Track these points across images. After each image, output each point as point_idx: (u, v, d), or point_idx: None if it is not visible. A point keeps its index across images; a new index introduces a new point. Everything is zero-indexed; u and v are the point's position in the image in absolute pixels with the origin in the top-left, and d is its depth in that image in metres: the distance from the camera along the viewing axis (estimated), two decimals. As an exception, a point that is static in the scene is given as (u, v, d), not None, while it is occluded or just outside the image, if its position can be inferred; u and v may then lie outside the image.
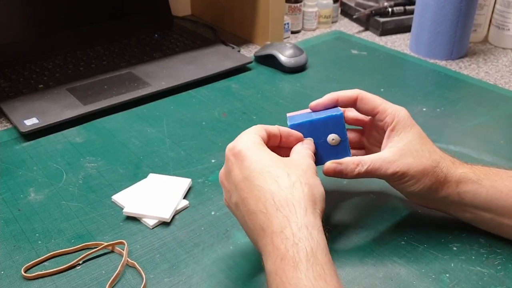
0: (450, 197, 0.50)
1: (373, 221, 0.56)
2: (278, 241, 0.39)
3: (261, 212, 0.41)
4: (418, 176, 0.48)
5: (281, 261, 0.38)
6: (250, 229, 0.43)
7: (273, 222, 0.40)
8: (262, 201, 0.41)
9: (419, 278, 0.48)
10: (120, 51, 0.96)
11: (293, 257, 0.37)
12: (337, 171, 0.49)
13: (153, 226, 0.55)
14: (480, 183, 0.49)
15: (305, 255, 0.37)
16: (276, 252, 0.39)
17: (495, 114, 0.78)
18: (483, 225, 0.52)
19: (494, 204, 0.49)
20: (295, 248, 0.38)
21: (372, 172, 0.48)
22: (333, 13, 1.16)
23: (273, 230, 0.40)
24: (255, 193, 0.42)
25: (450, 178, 0.49)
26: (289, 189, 0.41)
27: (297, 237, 0.38)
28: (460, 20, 0.93)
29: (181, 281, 0.48)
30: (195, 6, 1.21)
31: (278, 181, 0.42)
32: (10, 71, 0.88)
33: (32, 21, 0.92)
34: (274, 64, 0.92)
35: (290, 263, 0.37)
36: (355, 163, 0.48)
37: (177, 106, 0.80)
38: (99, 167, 0.65)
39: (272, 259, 0.39)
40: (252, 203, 0.42)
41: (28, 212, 0.57)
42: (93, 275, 0.49)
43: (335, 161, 0.49)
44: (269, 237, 0.40)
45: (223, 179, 0.47)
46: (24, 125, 0.71)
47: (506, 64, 0.97)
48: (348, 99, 0.53)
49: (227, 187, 0.46)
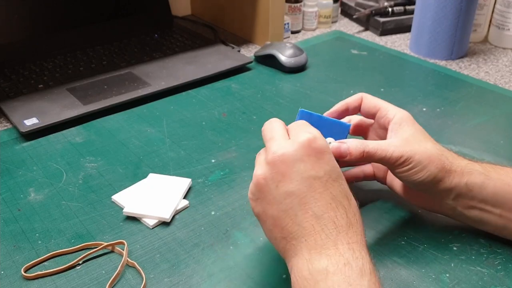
0: (457, 188, 0.49)
1: (373, 221, 0.56)
2: (344, 249, 0.40)
3: (328, 218, 0.41)
4: (424, 163, 0.47)
5: (345, 266, 0.38)
6: (297, 225, 0.41)
7: (341, 233, 0.41)
8: (334, 207, 0.41)
9: (419, 278, 0.48)
10: (120, 51, 0.96)
11: (358, 266, 0.39)
12: (342, 150, 0.47)
13: (153, 226, 0.55)
14: (487, 174, 0.49)
15: (368, 271, 0.39)
16: (338, 258, 0.39)
17: (495, 114, 0.78)
18: (490, 225, 0.50)
19: (502, 197, 0.48)
20: (360, 261, 0.39)
21: (377, 154, 0.47)
22: (333, 13, 1.16)
23: (340, 238, 0.40)
24: (328, 196, 0.41)
25: (456, 167, 0.49)
26: (354, 207, 0.43)
27: (361, 253, 0.40)
28: (460, 20, 0.93)
29: (181, 281, 0.48)
30: (195, 6, 1.21)
31: (349, 197, 0.43)
32: (10, 71, 0.88)
33: (32, 21, 0.92)
34: (274, 64, 0.92)
35: (356, 271, 0.38)
36: (360, 141, 0.48)
37: (177, 106, 0.80)
38: (99, 167, 0.65)
39: (332, 262, 0.39)
40: (320, 204, 0.41)
41: (28, 212, 0.57)
42: (93, 275, 0.49)
43: (340, 140, 0.48)
44: (332, 242, 0.40)
45: (276, 158, 0.42)
46: (24, 125, 0.71)
47: (506, 64, 0.97)
48: (355, 101, 0.54)
49: (283, 170, 0.41)
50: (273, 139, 0.44)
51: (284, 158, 0.42)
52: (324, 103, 0.80)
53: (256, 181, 0.43)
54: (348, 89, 0.85)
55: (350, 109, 0.54)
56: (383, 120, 0.52)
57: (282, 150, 0.42)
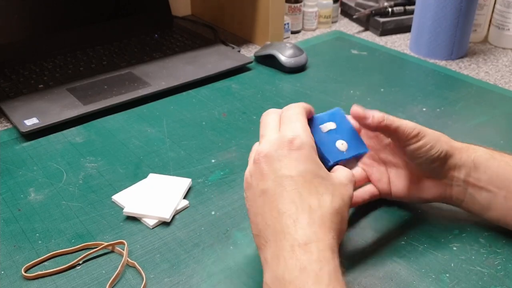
0: (466, 165, 0.50)
1: (373, 221, 0.56)
2: (301, 251, 0.38)
3: (288, 216, 0.40)
4: (435, 140, 0.49)
5: (301, 272, 0.37)
6: (265, 223, 0.41)
7: (298, 231, 0.39)
8: (298, 206, 0.40)
9: (419, 278, 0.48)
10: (120, 51, 0.96)
11: (315, 271, 0.37)
12: (366, 112, 0.48)
13: (153, 226, 0.55)
14: (491, 154, 0.51)
15: (327, 274, 0.37)
16: (294, 262, 0.38)
17: (495, 114, 0.78)
18: (496, 210, 0.50)
19: (506, 179, 0.49)
20: (318, 264, 0.37)
21: (395, 123, 0.48)
22: (333, 13, 1.16)
23: (297, 238, 0.39)
24: (295, 194, 0.41)
25: (462, 146, 0.51)
26: (327, 209, 0.41)
27: (322, 255, 0.38)
28: (460, 20, 0.93)
29: (181, 281, 0.48)
30: (195, 6, 1.21)
31: (321, 198, 0.41)
32: (10, 71, 0.88)
33: (32, 21, 0.92)
34: (274, 64, 0.92)
35: (311, 276, 0.37)
36: (378, 111, 0.49)
37: (177, 106, 0.80)
38: (99, 167, 0.65)
39: (288, 267, 0.38)
40: (285, 202, 0.40)
41: (28, 212, 0.57)
42: (93, 275, 0.49)
43: (360, 106, 0.49)
44: (290, 243, 0.39)
45: (260, 158, 0.43)
46: (24, 125, 0.71)
47: (506, 64, 0.97)
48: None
49: (263, 169, 0.42)
50: (263, 137, 0.45)
51: (266, 159, 0.43)
52: (324, 103, 0.80)
53: (245, 178, 0.45)
54: (348, 89, 0.85)
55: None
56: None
57: (264, 151, 0.43)
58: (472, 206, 0.52)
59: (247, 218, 0.56)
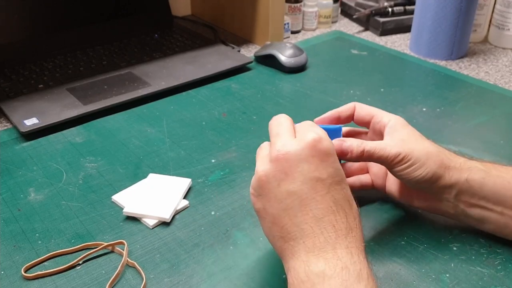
0: (458, 184, 0.48)
1: (373, 221, 0.56)
2: (343, 251, 0.39)
3: (328, 221, 0.40)
4: (422, 159, 0.47)
5: (342, 270, 0.38)
6: (295, 226, 0.41)
7: (339, 238, 0.40)
8: (335, 211, 0.41)
9: (419, 278, 0.48)
10: (120, 51, 0.96)
11: (356, 271, 0.39)
12: (343, 148, 0.47)
13: (153, 226, 0.55)
14: (487, 171, 0.49)
15: (366, 276, 0.39)
16: (335, 262, 0.39)
17: (495, 114, 0.78)
18: (491, 224, 0.50)
19: (503, 195, 0.48)
20: (357, 266, 0.39)
21: (376, 152, 0.47)
22: (333, 13, 1.16)
23: (343, 234, 0.40)
24: (329, 199, 0.41)
25: (455, 164, 0.49)
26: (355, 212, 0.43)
27: (359, 258, 0.40)
28: (460, 20, 0.93)
29: (181, 281, 0.48)
30: (195, 6, 1.21)
31: (351, 200, 0.43)
32: (10, 71, 0.88)
33: (32, 21, 0.92)
34: (274, 64, 0.92)
35: (354, 275, 0.38)
36: (359, 140, 0.48)
37: (177, 106, 0.80)
38: (99, 167, 0.65)
39: (329, 265, 0.39)
40: (320, 207, 0.41)
41: (28, 212, 0.57)
42: (93, 275, 0.49)
43: (340, 139, 0.48)
44: (333, 240, 0.40)
45: (280, 156, 0.41)
46: (24, 125, 0.71)
47: (506, 64, 0.97)
48: (348, 110, 0.54)
49: (286, 168, 0.41)
50: (278, 135, 0.43)
51: (288, 157, 0.41)
52: (324, 103, 0.80)
53: (258, 177, 0.42)
54: (348, 89, 0.85)
55: (343, 118, 0.54)
56: (379, 126, 0.52)
57: (286, 148, 0.41)
58: (465, 219, 0.52)
59: (247, 218, 0.56)
